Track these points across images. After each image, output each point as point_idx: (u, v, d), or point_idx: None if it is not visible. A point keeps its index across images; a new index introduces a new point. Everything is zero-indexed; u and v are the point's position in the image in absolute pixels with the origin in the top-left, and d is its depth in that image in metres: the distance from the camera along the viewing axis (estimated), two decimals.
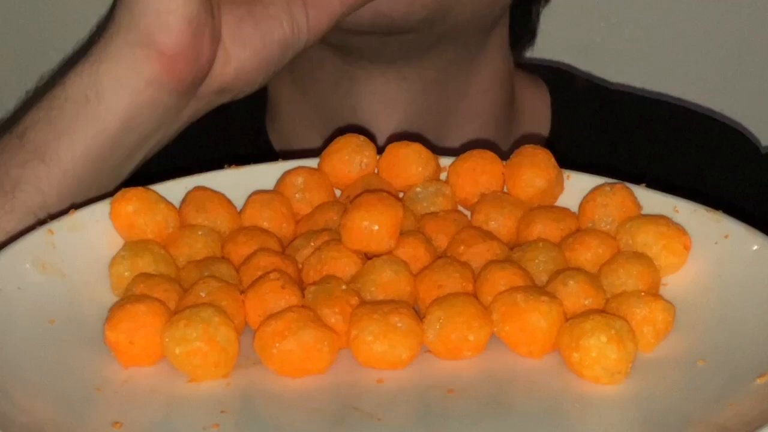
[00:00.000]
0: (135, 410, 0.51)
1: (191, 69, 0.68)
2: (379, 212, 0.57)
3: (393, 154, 0.64)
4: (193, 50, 0.67)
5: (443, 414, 0.51)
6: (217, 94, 0.71)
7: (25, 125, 0.69)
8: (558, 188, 0.63)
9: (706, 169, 0.90)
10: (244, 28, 0.70)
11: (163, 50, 0.66)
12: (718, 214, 0.60)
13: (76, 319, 0.56)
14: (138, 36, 0.67)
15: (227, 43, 0.69)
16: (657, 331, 0.54)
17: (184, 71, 0.67)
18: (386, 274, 0.56)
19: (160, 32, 0.66)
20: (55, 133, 0.68)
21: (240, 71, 0.70)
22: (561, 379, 0.52)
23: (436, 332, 0.53)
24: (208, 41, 0.68)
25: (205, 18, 0.67)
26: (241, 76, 0.70)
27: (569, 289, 0.55)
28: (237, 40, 0.69)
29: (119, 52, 0.68)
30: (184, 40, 0.66)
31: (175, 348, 0.52)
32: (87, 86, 0.68)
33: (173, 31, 0.66)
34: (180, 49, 0.67)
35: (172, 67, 0.67)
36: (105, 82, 0.68)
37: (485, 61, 0.87)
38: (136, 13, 0.67)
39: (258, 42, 0.70)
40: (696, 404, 0.50)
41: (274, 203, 0.62)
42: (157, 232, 0.60)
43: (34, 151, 0.67)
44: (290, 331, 0.52)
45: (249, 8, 0.70)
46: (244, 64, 0.70)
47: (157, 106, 0.68)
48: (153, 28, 0.66)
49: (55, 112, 0.68)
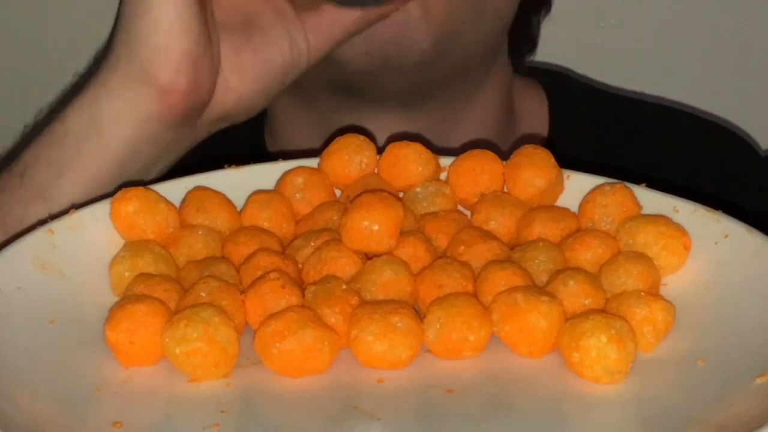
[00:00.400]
0: (135, 410, 0.51)
1: (190, 103, 0.68)
2: (379, 212, 0.57)
3: (393, 154, 0.64)
4: (192, 84, 0.67)
5: (443, 414, 0.51)
6: (216, 121, 0.71)
7: (25, 163, 0.69)
8: (558, 188, 0.63)
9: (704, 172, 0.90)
10: (244, 57, 0.70)
11: (163, 86, 0.66)
12: (718, 214, 0.60)
13: (76, 319, 0.56)
14: (136, 71, 0.67)
15: (226, 72, 0.69)
16: (657, 331, 0.54)
17: (184, 105, 0.67)
18: (386, 274, 0.56)
19: (159, 68, 0.66)
20: (57, 171, 0.67)
21: (240, 99, 0.70)
22: (561, 379, 0.52)
23: (436, 332, 0.53)
24: (207, 74, 0.68)
25: (204, 51, 0.67)
26: (241, 104, 0.70)
27: (569, 289, 0.55)
28: (236, 69, 0.69)
29: (118, 87, 0.67)
30: (183, 75, 0.66)
31: (175, 348, 0.52)
32: (87, 122, 0.68)
33: (172, 67, 0.66)
34: (179, 84, 0.66)
35: (172, 102, 0.67)
36: (105, 117, 0.67)
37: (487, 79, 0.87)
38: (134, 48, 0.67)
39: (258, 69, 0.70)
40: (696, 404, 0.50)
41: (274, 203, 0.62)
42: (157, 232, 0.60)
43: (36, 189, 0.67)
44: (290, 331, 0.52)
45: (248, 35, 0.70)
46: (244, 92, 0.70)
47: (157, 139, 0.68)
48: (152, 64, 0.66)
49: (54, 149, 0.68)
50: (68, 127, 0.68)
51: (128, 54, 0.67)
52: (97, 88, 0.68)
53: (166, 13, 0.66)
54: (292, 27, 0.71)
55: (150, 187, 0.62)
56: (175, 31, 0.66)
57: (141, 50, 0.66)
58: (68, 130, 0.68)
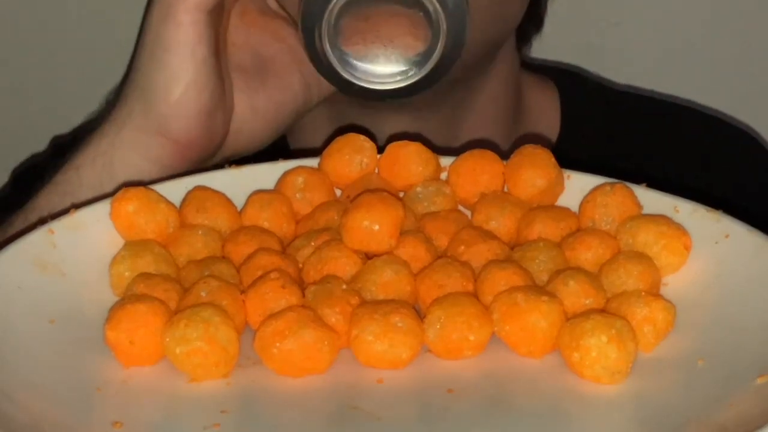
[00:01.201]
0: (135, 410, 0.51)
1: (204, 151, 0.68)
2: (379, 212, 0.57)
3: (393, 154, 0.64)
4: (207, 135, 0.68)
5: (443, 414, 0.51)
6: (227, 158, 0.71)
7: (39, 212, 0.69)
8: (558, 188, 0.63)
9: (716, 170, 0.90)
10: (258, 100, 0.70)
11: (178, 139, 0.67)
12: (718, 214, 0.60)
13: (76, 319, 0.56)
14: (151, 125, 0.67)
15: (239, 115, 0.70)
16: (657, 331, 0.54)
17: (197, 154, 0.68)
18: (386, 274, 0.56)
19: (175, 123, 0.67)
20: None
21: (252, 139, 0.71)
22: (561, 379, 0.52)
23: (436, 332, 0.53)
24: (221, 124, 0.68)
25: (219, 103, 0.68)
26: (252, 143, 0.71)
27: (569, 288, 0.55)
28: (249, 112, 0.70)
29: (132, 139, 0.68)
30: (199, 128, 0.67)
31: (175, 348, 0.52)
32: (101, 173, 0.68)
33: (188, 123, 0.67)
34: (194, 137, 0.67)
35: (186, 153, 0.68)
36: (119, 169, 0.68)
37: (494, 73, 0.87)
38: (150, 102, 0.67)
39: (271, 112, 0.71)
40: (696, 404, 0.50)
41: (274, 203, 0.62)
42: (157, 231, 0.60)
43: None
44: (290, 331, 0.52)
45: (262, 79, 0.71)
46: (256, 132, 0.71)
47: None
48: (167, 119, 0.67)
49: (69, 198, 0.68)
50: (83, 177, 0.69)
51: (143, 107, 0.68)
52: (111, 138, 0.69)
53: (184, 70, 0.66)
54: (304, 68, 0.71)
55: (150, 187, 0.62)
56: (192, 87, 0.66)
57: (157, 105, 0.67)
58: (83, 180, 0.69)
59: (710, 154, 0.92)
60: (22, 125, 1.13)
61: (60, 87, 1.12)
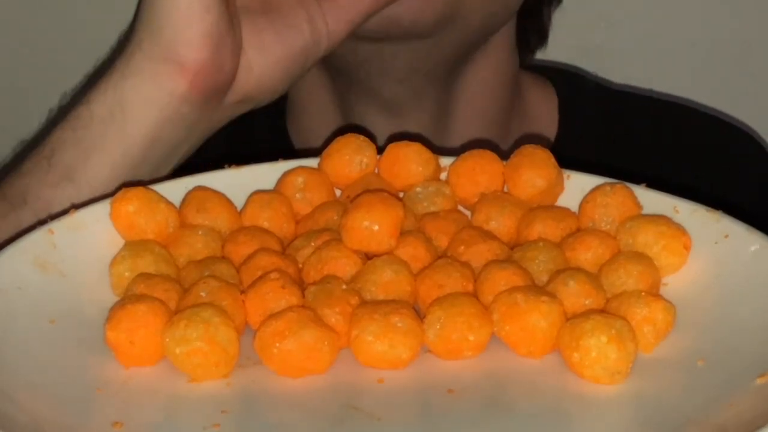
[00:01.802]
0: (135, 410, 0.51)
1: (214, 81, 0.68)
2: (379, 212, 0.57)
3: (393, 154, 0.64)
4: (215, 62, 0.67)
5: (443, 414, 0.51)
6: (239, 103, 0.71)
7: (51, 146, 0.69)
8: (558, 188, 0.63)
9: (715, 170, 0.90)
10: (265, 38, 0.70)
11: (186, 64, 0.67)
12: (718, 214, 0.60)
13: (76, 319, 0.56)
14: (159, 51, 0.67)
15: (249, 53, 0.69)
16: (657, 331, 0.54)
17: (208, 83, 0.68)
18: (386, 274, 0.56)
19: (181, 46, 0.67)
20: (83, 153, 0.68)
21: (262, 80, 0.70)
22: (561, 379, 0.52)
23: (436, 332, 0.53)
24: (230, 52, 0.68)
25: (226, 30, 0.67)
26: (263, 85, 0.71)
27: (569, 289, 0.55)
28: (258, 50, 0.70)
29: (142, 68, 0.68)
30: (206, 53, 0.67)
31: (175, 348, 0.52)
32: (112, 104, 0.68)
33: (194, 45, 0.67)
34: (202, 62, 0.67)
35: (196, 80, 0.67)
36: (129, 98, 0.68)
37: (484, 61, 0.87)
38: (156, 28, 0.67)
39: (279, 51, 0.70)
40: (696, 404, 0.50)
41: (274, 203, 0.62)
42: (157, 232, 0.60)
43: (64, 172, 0.68)
44: (290, 331, 0.52)
45: (269, 18, 0.71)
46: (266, 73, 0.70)
47: (183, 119, 0.68)
48: (174, 43, 0.67)
49: (80, 131, 0.68)
50: (93, 110, 0.69)
51: (150, 35, 0.68)
52: (121, 70, 0.69)
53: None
54: (311, 10, 0.72)
55: (150, 187, 0.62)
56: (195, 10, 0.66)
57: (163, 31, 0.67)
58: (93, 112, 0.69)
59: (709, 154, 0.92)
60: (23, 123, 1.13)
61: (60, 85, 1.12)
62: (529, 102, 0.92)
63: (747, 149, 0.95)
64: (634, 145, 0.91)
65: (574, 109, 0.93)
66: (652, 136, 0.93)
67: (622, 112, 0.94)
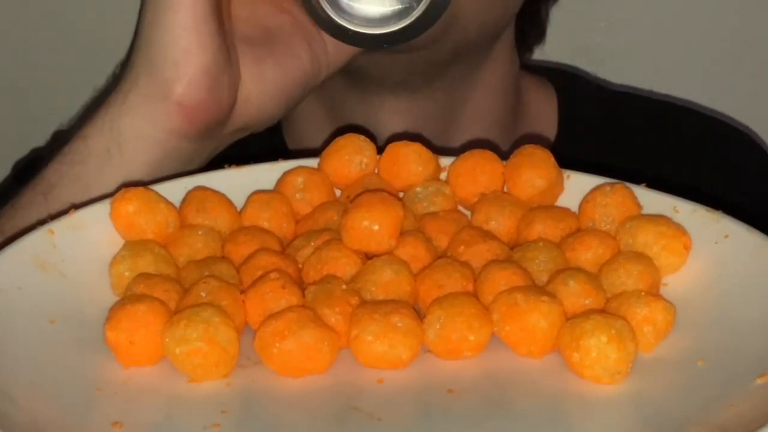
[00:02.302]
0: (135, 410, 0.51)
1: (211, 117, 0.68)
2: (379, 212, 0.57)
3: (393, 154, 0.64)
4: (213, 99, 0.67)
5: (443, 414, 0.51)
6: (237, 132, 0.71)
7: (48, 182, 0.69)
8: (558, 188, 0.63)
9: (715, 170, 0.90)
10: (265, 69, 0.70)
11: (183, 103, 0.67)
12: (718, 214, 0.60)
13: (76, 319, 0.56)
14: (157, 88, 0.67)
15: (248, 84, 0.69)
16: (657, 331, 0.54)
17: (205, 120, 0.68)
18: (386, 274, 0.56)
19: (178, 85, 0.66)
20: (81, 190, 0.67)
21: (261, 110, 0.70)
22: (561, 379, 0.52)
23: (436, 332, 0.53)
24: (227, 87, 0.68)
25: (223, 65, 0.67)
26: (262, 114, 0.71)
27: (569, 289, 0.55)
28: (257, 80, 0.70)
29: (138, 104, 0.68)
30: (203, 91, 0.67)
31: (175, 348, 0.52)
32: (109, 141, 0.68)
33: (192, 84, 0.66)
34: (199, 101, 0.67)
35: (193, 118, 0.67)
36: (126, 135, 0.68)
37: (491, 65, 0.87)
38: (154, 64, 0.67)
39: (279, 81, 0.70)
40: (696, 404, 0.50)
41: (274, 203, 0.62)
42: (157, 231, 0.60)
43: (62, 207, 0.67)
44: (290, 331, 0.52)
45: (269, 48, 0.70)
46: (265, 102, 0.70)
47: (180, 154, 0.68)
48: (171, 82, 0.66)
49: (77, 167, 0.68)
50: (90, 146, 0.69)
51: (147, 72, 0.67)
52: (118, 106, 0.69)
53: (183, 31, 0.66)
54: (311, 39, 0.71)
55: (150, 187, 0.62)
56: (192, 47, 0.66)
57: (160, 67, 0.67)
58: (90, 148, 0.68)
59: (709, 154, 0.92)
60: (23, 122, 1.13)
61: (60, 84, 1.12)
62: (529, 102, 0.92)
63: (747, 149, 0.95)
64: (634, 145, 0.91)
65: (574, 109, 0.93)
66: (652, 136, 0.93)
67: (621, 113, 0.94)
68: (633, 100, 0.97)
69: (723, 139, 0.95)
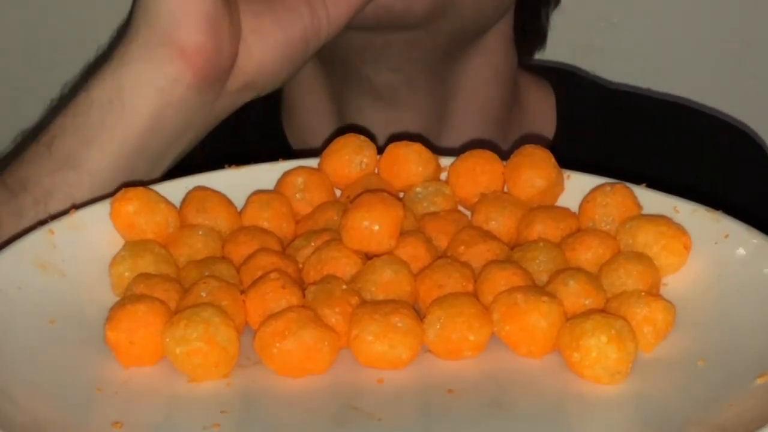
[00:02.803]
0: (135, 410, 0.51)
1: (213, 64, 0.68)
2: (379, 212, 0.57)
3: (393, 154, 0.64)
4: (214, 45, 0.67)
5: (443, 414, 0.51)
6: (241, 90, 0.71)
7: (52, 134, 0.69)
8: (558, 188, 0.63)
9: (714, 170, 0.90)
10: (265, 22, 0.70)
11: (183, 47, 0.67)
12: (718, 214, 0.60)
13: (76, 319, 0.56)
14: (156, 36, 0.67)
15: (248, 38, 0.69)
16: (657, 331, 0.54)
17: (207, 67, 0.67)
18: (386, 274, 0.56)
19: (178, 30, 0.67)
20: (83, 140, 0.68)
21: (263, 66, 0.70)
22: (561, 379, 0.52)
23: (436, 332, 0.53)
24: (228, 35, 0.68)
25: (223, 13, 0.67)
26: (264, 71, 0.70)
27: (569, 289, 0.55)
28: (258, 35, 0.70)
29: (139, 53, 0.68)
30: (203, 35, 0.67)
31: (175, 348, 0.52)
32: (110, 91, 0.68)
33: (191, 28, 0.66)
34: (200, 45, 0.67)
35: (194, 64, 0.67)
36: (128, 84, 0.68)
37: (484, 57, 0.87)
38: (152, 13, 0.67)
39: (279, 35, 0.70)
40: (696, 404, 0.50)
41: (274, 203, 0.62)
42: (157, 232, 0.60)
43: (64, 159, 0.67)
44: (290, 331, 0.52)
45: (268, 2, 0.70)
46: (267, 59, 0.70)
47: (183, 105, 0.68)
48: (171, 27, 0.67)
49: (80, 118, 0.68)
50: (93, 97, 0.68)
51: (147, 21, 0.68)
52: (120, 57, 0.69)
53: None
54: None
55: (150, 187, 0.62)
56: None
57: (159, 15, 0.67)
58: (93, 100, 0.68)
59: (709, 154, 0.92)
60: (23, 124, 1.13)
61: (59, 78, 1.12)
62: (527, 101, 0.93)
63: (747, 149, 0.95)
64: (634, 144, 0.91)
65: (572, 108, 0.93)
66: (652, 135, 0.93)
67: (620, 112, 0.94)
68: (632, 99, 0.97)
69: (723, 138, 0.95)
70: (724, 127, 0.96)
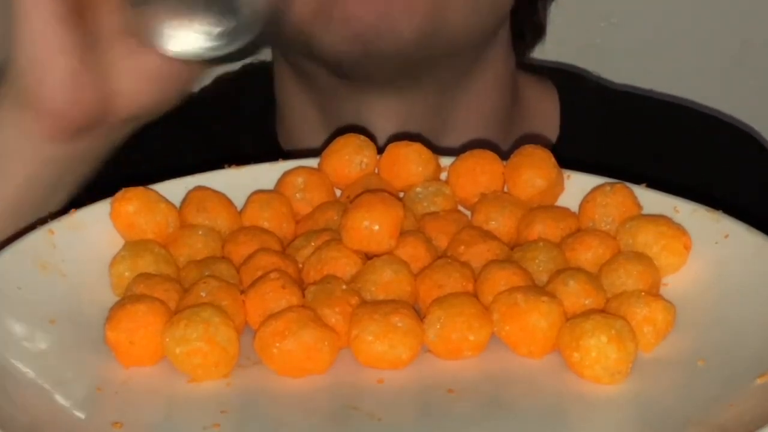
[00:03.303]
0: (135, 410, 0.51)
1: (78, 119, 0.67)
2: (379, 212, 0.57)
3: (393, 154, 0.64)
4: (76, 102, 0.66)
5: (443, 414, 0.51)
6: (126, 123, 0.70)
7: None
8: (558, 188, 0.63)
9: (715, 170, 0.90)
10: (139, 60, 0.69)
11: (46, 109, 0.66)
12: (718, 214, 0.60)
13: (76, 319, 0.56)
14: (22, 97, 0.67)
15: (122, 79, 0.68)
16: (657, 331, 0.54)
17: (71, 123, 0.67)
18: (386, 274, 0.56)
19: (39, 91, 0.66)
20: None
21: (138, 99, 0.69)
22: (561, 379, 0.52)
23: (436, 332, 0.53)
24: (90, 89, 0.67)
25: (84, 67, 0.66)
26: (140, 103, 0.69)
27: (569, 289, 0.55)
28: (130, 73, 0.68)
29: (7, 116, 0.68)
30: (64, 94, 0.66)
31: (175, 348, 0.52)
32: None
33: (51, 88, 0.66)
34: (61, 104, 0.66)
35: (58, 123, 0.67)
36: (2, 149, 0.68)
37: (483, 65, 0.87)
38: (17, 73, 0.67)
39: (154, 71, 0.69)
40: (696, 404, 0.50)
41: (274, 203, 0.62)
42: (157, 231, 0.60)
43: None
44: (290, 331, 0.52)
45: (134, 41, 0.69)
46: (140, 92, 0.69)
47: (56, 160, 0.68)
48: (32, 88, 0.66)
49: None
50: None
51: (13, 81, 0.67)
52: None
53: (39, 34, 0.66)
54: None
55: (150, 187, 0.62)
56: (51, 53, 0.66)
57: (22, 75, 0.67)
58: None
59: (709, 153, 0.92)
60: None
61: None
62: (529, 102, 0.92)
63: (747, 149, 0.95)
64: (635, 145, 0.91)
65: (575, 109, 0.93)
66: (653, 136, 0.93)
67: (622, 112, 0.94)
68: (634, 100, 0.97)
69: (724, 138, 0.95)
70: (725, 128, 0.96)
